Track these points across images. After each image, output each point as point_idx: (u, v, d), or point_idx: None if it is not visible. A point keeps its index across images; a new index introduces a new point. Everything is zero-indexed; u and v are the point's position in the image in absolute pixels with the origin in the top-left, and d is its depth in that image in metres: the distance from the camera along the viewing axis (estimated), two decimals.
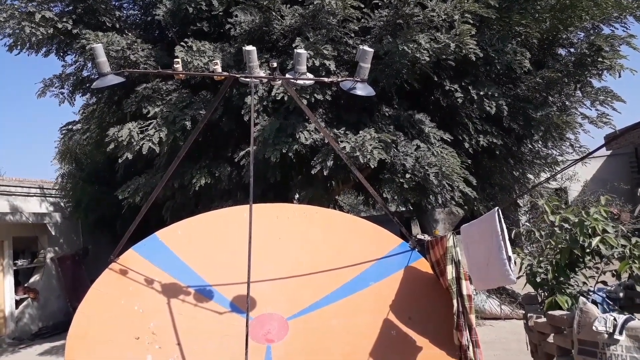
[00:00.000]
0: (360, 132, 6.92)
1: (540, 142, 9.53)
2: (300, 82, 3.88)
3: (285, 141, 6.97)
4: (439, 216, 13.56)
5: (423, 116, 7.67)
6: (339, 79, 3.98)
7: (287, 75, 3.89)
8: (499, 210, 3.34)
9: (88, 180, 12.42)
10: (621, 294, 4.20)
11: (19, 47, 8.01)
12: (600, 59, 7.66)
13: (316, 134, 7.07)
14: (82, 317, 3.87)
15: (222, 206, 7.21)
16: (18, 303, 11.87)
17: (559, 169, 10.48)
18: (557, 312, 3.69)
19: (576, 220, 3.90)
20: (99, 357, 3.69)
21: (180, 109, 7.46)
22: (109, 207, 11.24)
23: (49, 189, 13.43)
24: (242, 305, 3.93)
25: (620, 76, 7.72)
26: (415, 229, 14.25)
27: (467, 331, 3.64)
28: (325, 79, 4.19)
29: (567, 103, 9.12)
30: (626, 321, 3.09)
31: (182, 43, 7.22)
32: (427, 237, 4.58)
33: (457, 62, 7.19)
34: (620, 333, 3.05)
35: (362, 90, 3.82)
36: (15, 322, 11.61)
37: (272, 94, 7.02)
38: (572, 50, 8.76)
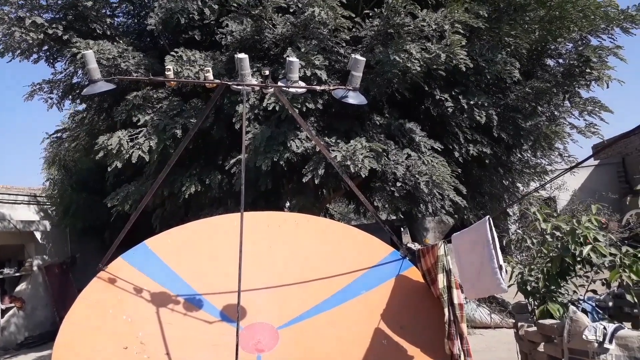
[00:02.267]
0: (352, 141, 6.93)
1: (529, 151, 9.61)
2: (292, 90, 3.88)
3: (277, 149, 6.96)
4: (429, 225, 13.54)
5: (414, 125, 7.70)
6: (331, 87, 3.99)
7: (279, 83, 3.89)
8: (490, 219, 3.35)
9: (76, 187, 12.31)
10: (610, 303, 4.22)
11: (9, 54, 7.94)
12: (588, 70, 7.78)
13: (307, 143, 7.07)
14: (69, 326, 3.81)
15: (213, 214, 7.17)
16: (4, 312, 11.67)
17: (548, 178, 10.56)
18: (548, 321, 3.70)
19: (568, 229, 3.92)
20: None
21: (170, 117, 7.43)
22: (98, 214, 11.14)
23: (37, 196, 13.29)
24: (232, 314, 3.90)
25: (608, 87, 7.83)
26: (406, 238, 14.26)
27: (459, 340, 3.63)
28: (318, 87, 4.19)
29: (555, 113, 9.23)
30: (616, 330, 3.10)
31: (172, 53, 7.20)
32: (417, 246, 4.58)
33: (447, 71, 7.25)
34: (610, 342, 3.06)
35: (354, 98, 3.83)
36: (0, 332, 11.42)
37: (264, 104, 7.01)
38: (560, 61, 8.87)
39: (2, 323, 11.53)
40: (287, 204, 9.02)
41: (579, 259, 3.89)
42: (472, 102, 7.56)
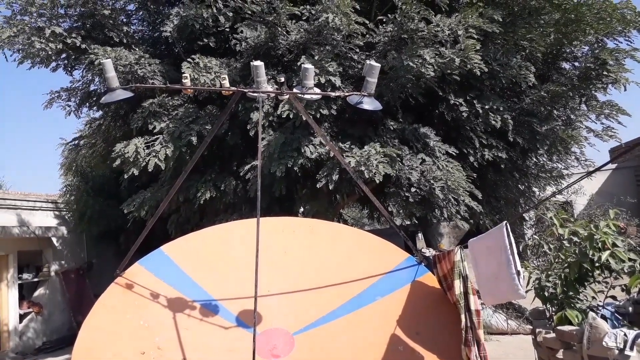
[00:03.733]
0: (366, 146, 6.93)
1: (545, 155, 9.52)
2: (307, 96, 3.90)
3: (291, 155, 6.98)
4: (443, 230, 13.47)
5: (428, 130, 7.68)
6: (346, 94, 4.00)
7: (295, 90, 3.91)
8: (507, 224, 3.33)
9: (92, 193, 12.46)
10: (630, 309, 4.15)
11: (28, 62, 8.09)
12: (605, 73, 7.69)
13: (321, 148, 7.09)
14: (88, 331, 3.85)
15: (227, 220, 7.22)
16: (22, 317, 11.81)
17: (564, 182, 10.45)
18: (567, 328, 3.66)
19: (586, 234, 3.88)
20: None
21: (186, 124, 7.50)
22: (114, 220, 11.25)
23: (54, 202, 13.47)
24: (248, 320, 3.91)
25: (625, 89, 7.73)
26: (420, 243, 14.19)
27: (476, 347, 3.60)
28: (332, 94, 4.21)
29: (572, 116, 9.13)
30: (637, 337, 3.05)
31: (188, 59, 7.27)
32: (431, 251, 4.56)
33: (461, 76, 7.22)
34: (631, 349, 3.02)
35: (369, 104, 3.84)
36: (19, 337, 11.55)
37: (278, 111, 7.05)
38: (576, 64, 8.79)
39: (21, 328, 11.67)
40: (301, 210, 9.03)
41: (597, 264, 3.84)
42: (487, 107, 7.51)
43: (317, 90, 3.98)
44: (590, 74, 7.96)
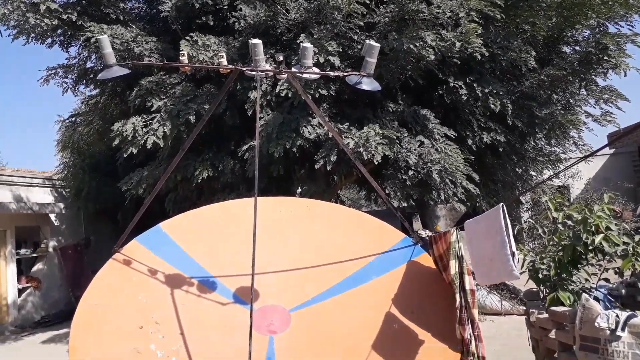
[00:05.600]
0: (365, 127, 6.93)
1: (543, 139, 9.53)
2: (306, 76, 3.88)
3: (289, 136, 6.98)
4: (440, 212, 13.54)
5: (427, 112, 7.66)
6: (345, 73, 3.98)
7: (293, 69, 3.89)
8: (504, 206, 3.35)
9: (88, 170, 12.45)
10: (623, 291, 4.21)
11: (23, 37, 8.00)
12: (606, 58, 7.65)
13: (320, 129, 7.08)
14: (86, 306, 3.88)
15: (225, 199, 7.24)
16: (21, 292, 11.94)
17: (562, 166, 10.48)
18: (560, 308, 3.71)
19: (580, 218, 3.91)
20: (102, 345, 3.71)
21: (184, 102, 7.46)
22: (111, 197, 11.26)
23: (51, 179, 13.47)
24: (245, 296, 3.95)
25: (625, 75, 7.71)
26: (417, 225, 14.27)
27: (470, 325, 3.65)
28: (331, 73, 4.17)
29: (571, 101, 9.12)
30: (628, 318, 3.10)
31: (187, 37, 7.21)
32: (427, 233, 4.59)
33: (462, 59, 7.18)
34: (623, 330, 3.07)
35: (368, 85, 3.82)
36: (17, 310, 11.68)
37: (277, 90, 7.01)
38: (577, 48, 8.74)
39: (19, 302, 11.79)
40: (299, 190, 9.06)
41: (590, 247, 3.88)
42: (486, 90, 7.49)
43: (316, 69, 3.95)
44: (591, 59, 7.93)
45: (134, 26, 8.21)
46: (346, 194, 20.02)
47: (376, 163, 6.67)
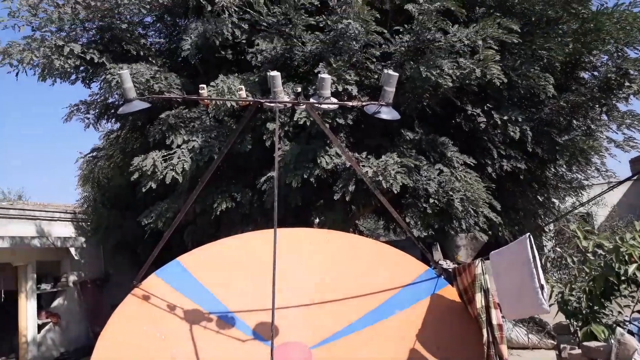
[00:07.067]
0: (383, 156, 6.87)
1: (564, 166, 9.35)
2: (324, 106, 3.87)
3: (307, 166, 6.95)
4: (461, 242, 13.31)
5: (445, 140, 7.59)
6: (364, 103, 3.97)
7: (311, 100, 3.89)
8: (531, 237, 3.24)
9: (108, 204, 12.55)
10: None
11: (48, 78, 8.18)
12: (627, 83, 7.54)
13: (337, 159, 7.04)
14: (105, 343, 3.84)
15: (243, 231, 7.18)
16: (40, 327, 11.90)
17: (584, 193, 10.25)
18: (593, 343, 3.54)
19: (611, 247, 3.77)
20: None
21: (204, 139, 7.51)
22: (130, 231, 11.29)
23: (72, 212, 13.60)
24: (265, 332, 3.87)
25: None
26: (437, 255, 14.03)
27: None
28: (350, 103, 4.17)
29: (592, 127, 8.97)
30: None
31: (211, 84, 7.22)
32: (449, 264, 4.48)
33: (479, 86, 7.14)
34: None
35: (387, 114, 3.80)
36: (37, 347, 11.63)
37: (295, 118, 7.03)
38: (596, 73, 8.64)
39: (39, 338, 11.75)
40: (317, 220, 8.98)
41: (623, 278, 3.73)
42: (505, 118, 7.41)
43: (334, 99, 3.95)
44: (612, 84, 7.81)
45: (154, 61, 8.36)
46: (364, 223, 19.85)
47: (395, 192, 6.59)
